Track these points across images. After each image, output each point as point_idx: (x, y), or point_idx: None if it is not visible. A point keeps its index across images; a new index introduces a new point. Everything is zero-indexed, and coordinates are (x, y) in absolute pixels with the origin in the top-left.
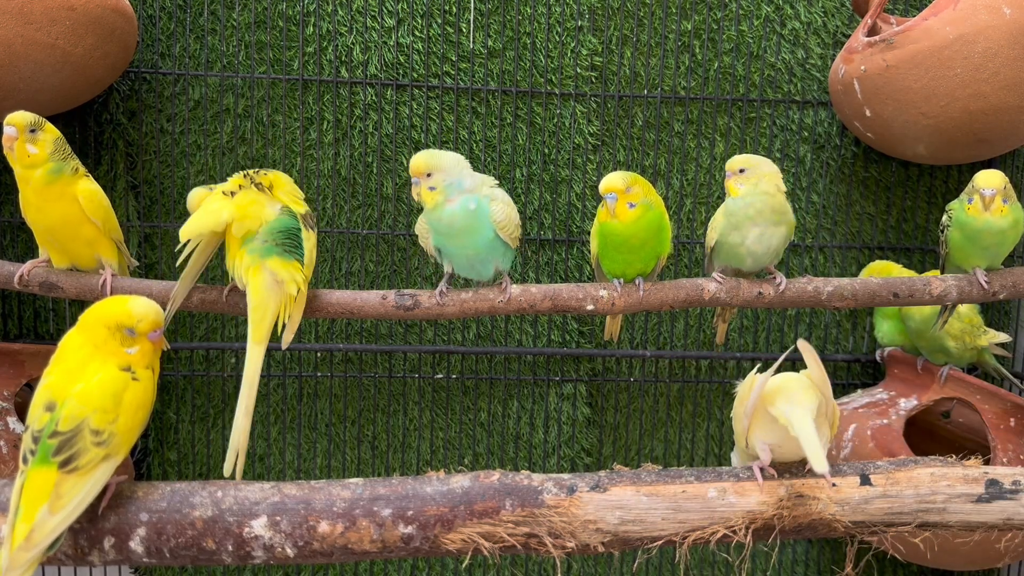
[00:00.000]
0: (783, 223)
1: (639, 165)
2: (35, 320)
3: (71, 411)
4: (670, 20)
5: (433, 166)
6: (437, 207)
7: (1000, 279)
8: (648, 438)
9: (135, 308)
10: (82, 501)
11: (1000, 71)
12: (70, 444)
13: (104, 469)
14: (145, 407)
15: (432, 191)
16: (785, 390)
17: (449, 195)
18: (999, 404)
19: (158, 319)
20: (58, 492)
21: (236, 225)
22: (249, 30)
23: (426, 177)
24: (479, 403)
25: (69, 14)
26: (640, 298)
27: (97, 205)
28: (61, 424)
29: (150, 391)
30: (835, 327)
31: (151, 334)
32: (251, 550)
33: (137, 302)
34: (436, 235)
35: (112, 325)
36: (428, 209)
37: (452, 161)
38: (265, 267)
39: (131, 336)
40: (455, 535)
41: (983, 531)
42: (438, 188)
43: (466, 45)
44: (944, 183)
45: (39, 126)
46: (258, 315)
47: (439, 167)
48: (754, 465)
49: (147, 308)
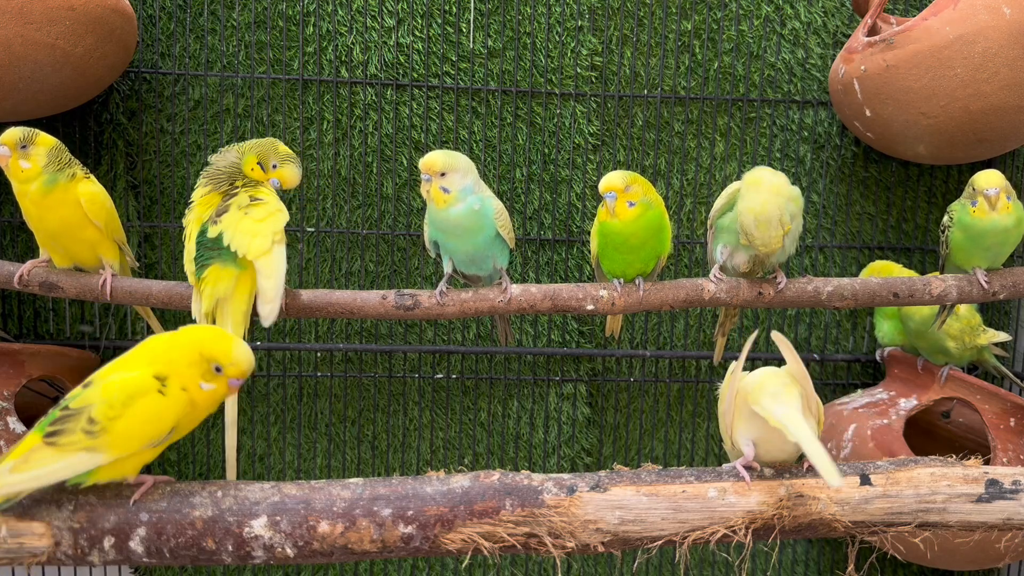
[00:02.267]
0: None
1: (639, 165)
2: (35, 320)
3: (88, 394)
4: (670, 20)
5: (449, 166)
6: (447, 207)
7: (1000, 279)
8: (648, 438)
9: (237, 352)
10: (44, 476)
11: (1000, 71)
12: (64, 420)
13: (83, 459)
14: (159, 423)
15: (445, 192)
16: (766, 387)
17: (461, 197)
18: (999, 404)
19: (248, 371)
20: (28, 456)
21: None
22: (249, 30)
23: (440, 176)
24: (479, 403)
25: (69, 14)
26: (640, 298)
27: (99, 207)
28: (74, 402)
29: (174, 412)
30: (835, 327)
31: (232, 380)
32: (251, 550)
33: (242, 348)
34: (435, 231)
35: (208, 355)
36: (437, 208)
37: (466, 164)
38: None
39: (216, 373)
40: (455, 535)
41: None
42: (452, 191)
43: (466, 45)
44: (944, 183)
45: (30, 140)
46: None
47: (455, 167)
48: (737, 464)
49: (246, 358)
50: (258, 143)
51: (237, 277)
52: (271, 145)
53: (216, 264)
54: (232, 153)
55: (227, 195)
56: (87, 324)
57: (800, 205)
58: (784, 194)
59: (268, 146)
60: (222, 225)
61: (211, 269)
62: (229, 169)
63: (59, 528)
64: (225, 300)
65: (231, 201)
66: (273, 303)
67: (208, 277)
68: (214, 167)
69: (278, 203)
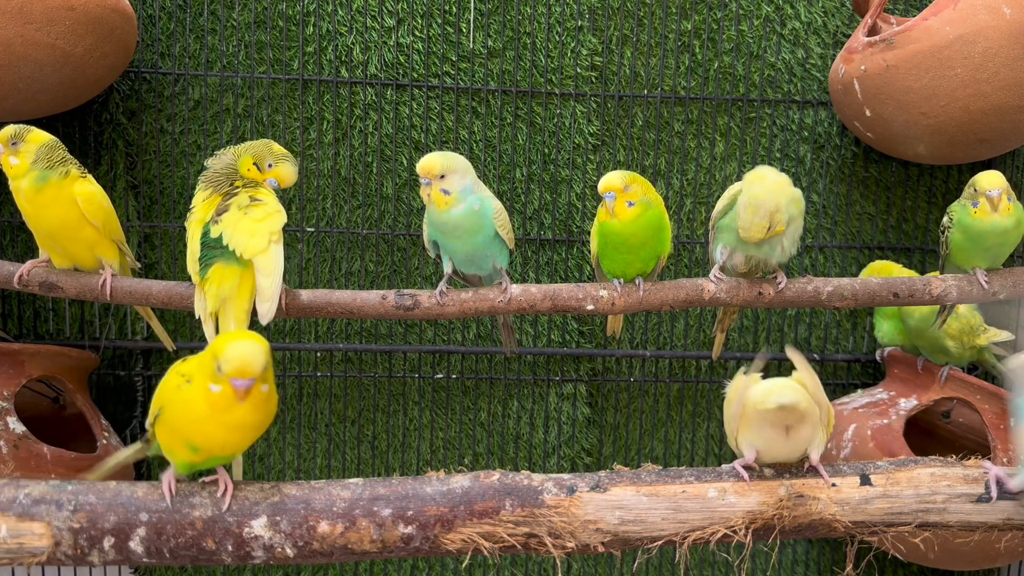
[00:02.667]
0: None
1: (639, 165)
2: (35, 320)
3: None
4: (670, 20)
5: (448, 168)
6: (448, 208)
7: (1000, 279)
8: (648, 438)
9: (229, 349)
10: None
11: (1000, 71)
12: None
13: (141, 447)
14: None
15: (447, 194)
16: (773, 390)
17: (462, 198)
18: (999, 404)
19: (246, 368)
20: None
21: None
22: (249, 30)
23: (439, 179)
24: (479, 403)
25: (69, 14)
26: (640, 298)
27: (97, 207)
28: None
29: (193, 413)
30: (835, 327)
31: (234, 381)
32: (251, 550)
33: (236, 346)
34: (435, 231)
35: (213, 354)
36: (438, 210)
37: (464, 164)
38: (210, 286)
39: (219, 374)
40: (455, 535)
41: (983, 531)
42: (453, 192)
43: (466, 45)
44: (944, 183)
45: (20, 137)
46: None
47: (453, 169)
48: (736, 464)
49: (238, 355)
50: (252, 144)
51: (240, 276)
52: (265, 146)
53: (219, 263)
54: (227, 155)
55: (228, 195)
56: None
57: (800, 208)
58: (785, 192)
59: (262, 147)
60: (222, 224)
61: (215, 268)
62: (226, 171)
63: (59, 528)
64: (229, 299)
65: (231, 201)
66: (271, 301)
67: (212, 277)
68: (211, 171)
69: (277, 204)
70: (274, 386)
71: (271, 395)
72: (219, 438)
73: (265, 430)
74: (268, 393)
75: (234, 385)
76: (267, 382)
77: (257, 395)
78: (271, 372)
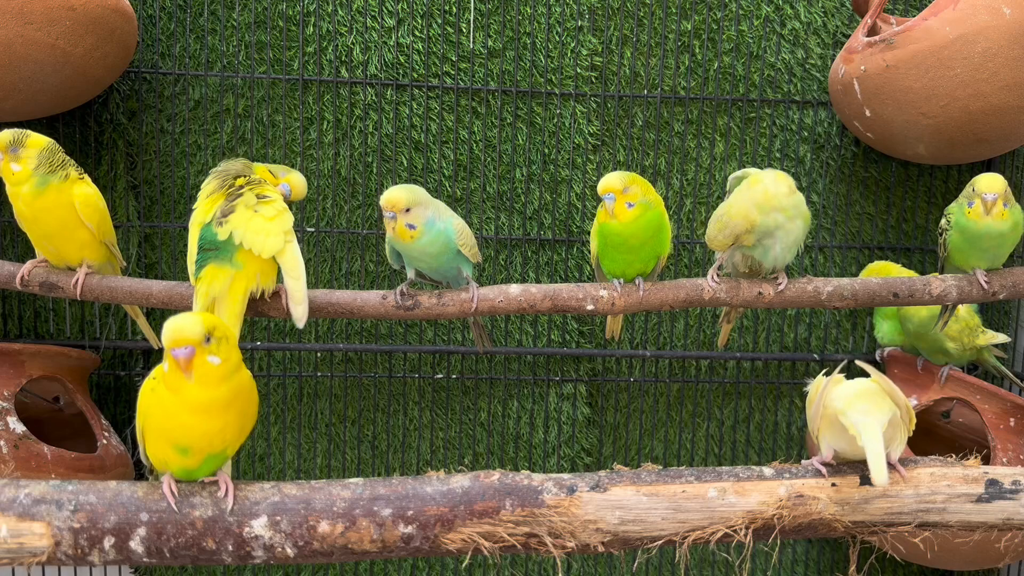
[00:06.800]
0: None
1: (639, 165)
2: (35, 320)
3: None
4: (670, 20)
5: (412, 201)
6: (414, 241)
7: (1000, 279)
8: (648, 438)
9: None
10: None
11: (1000, 71)
12: None
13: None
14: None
15: (411, 228)
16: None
17: (427, 230)
18: (999, 404)
19: (177, 336)
20: None
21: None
22: (249, 30)
23: (404, 213)
24: (479, 403)
25: (69, 14)
26: (640, 298)
27: (93, 209)
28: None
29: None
30: (835, 327)
31: (173, 351)
32: (251, 550)
33: (173, 318)
34: (398, 251)
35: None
36: (403, 242)
37: (424, 195)
38: (201, 285)
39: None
40: (455, 535)
41: (983, 531)
42: (418, 226)
43: (466, 45)
44: (944, 183)
45: (20, 143)
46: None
47: (417, 202)
48: (815, 460)
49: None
50: (264, 165)
51: (232, 276)
52: (276, 167)
53: (212, 264)
54: (240, 162)
55: (231, 195)
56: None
57: (792, 214)
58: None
59: (274, 166)
60: (231, 225)
61: (207, 269)
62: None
63: (59, 528)
64: (220, 299)
65: (237, 201)
66: (303, 304)
67: (204, 276)
68: (223, 169)
69: (283, 202)
70: (243, 366)
71: (235, 373)
72: (192, 426)
73: (251, 418)
74: (226, 369)
75: (173, 355)
76: (218, 355)
77: (205, 368)
78: (227, 347)
